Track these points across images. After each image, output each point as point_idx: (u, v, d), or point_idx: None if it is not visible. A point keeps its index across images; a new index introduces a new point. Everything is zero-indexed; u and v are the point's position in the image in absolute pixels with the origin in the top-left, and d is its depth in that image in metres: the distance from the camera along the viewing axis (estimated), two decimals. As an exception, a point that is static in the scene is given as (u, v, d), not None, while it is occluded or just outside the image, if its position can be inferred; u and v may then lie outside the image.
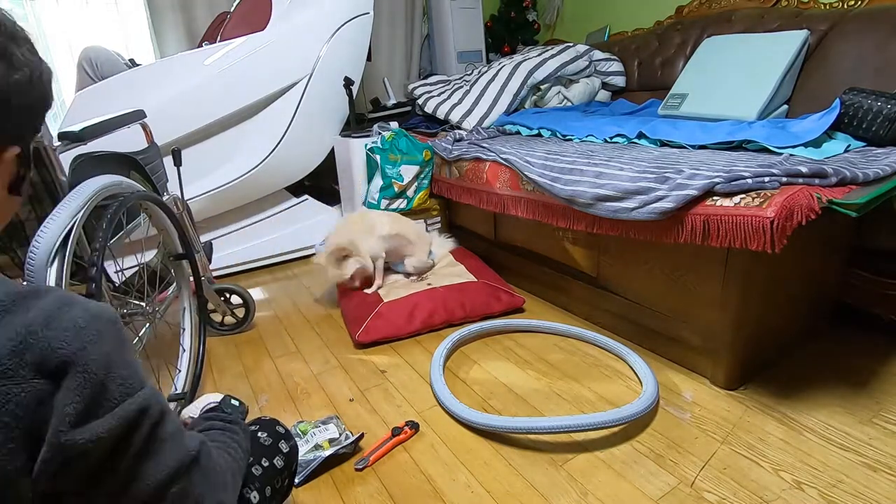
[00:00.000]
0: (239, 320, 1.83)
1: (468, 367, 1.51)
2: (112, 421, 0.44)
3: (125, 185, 1.18)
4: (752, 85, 1.85)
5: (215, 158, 2.17)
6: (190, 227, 1.59)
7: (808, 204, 1.08)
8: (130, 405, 0.46)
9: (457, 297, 1.75)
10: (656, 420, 1.24)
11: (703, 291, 1.33)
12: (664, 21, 2.63)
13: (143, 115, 1.49)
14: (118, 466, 0.46)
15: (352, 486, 1.10)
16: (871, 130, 1.48)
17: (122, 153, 1.37)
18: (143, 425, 0.47)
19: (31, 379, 0.40)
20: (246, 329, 1.83)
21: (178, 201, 1.56)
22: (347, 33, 2.28)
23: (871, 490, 1.01)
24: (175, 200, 1.54)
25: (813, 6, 2.04)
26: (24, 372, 0.40)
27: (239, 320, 1.83)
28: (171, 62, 2.15)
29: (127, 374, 0.47)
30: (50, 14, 2.53)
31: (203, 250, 1.68)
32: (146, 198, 1.24)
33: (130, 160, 1.39)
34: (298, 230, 2.49)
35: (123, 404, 0.45)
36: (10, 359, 0.40)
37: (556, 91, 2.56)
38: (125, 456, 0.46)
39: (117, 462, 0.46)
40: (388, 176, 2.15)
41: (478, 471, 1.12)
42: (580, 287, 1.73)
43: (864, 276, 1.51)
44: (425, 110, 2.56)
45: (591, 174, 1.45)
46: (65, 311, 0.44)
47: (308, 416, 1.32)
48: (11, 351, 0.40)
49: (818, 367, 1.41)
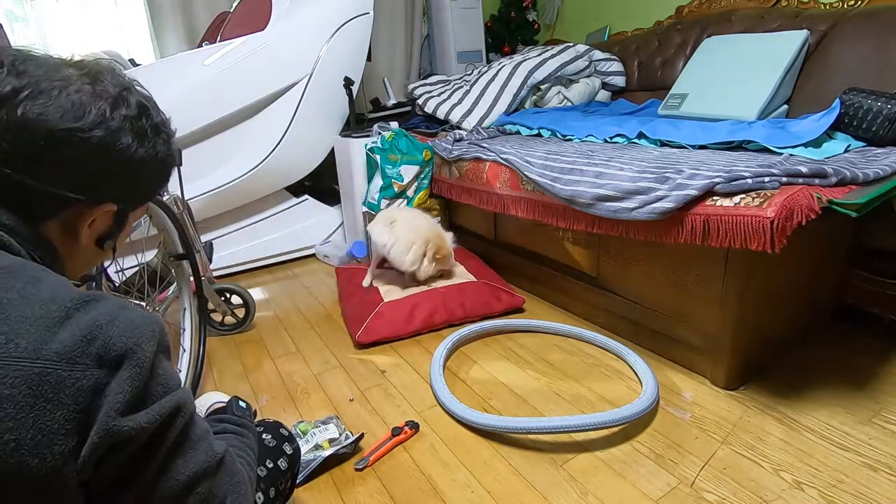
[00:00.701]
0: (239, 320, 1.83)
1: (468, 367, 1.51)
2: (152, 414, 0.48)
3: None
4: (752, 85, 1.85)
5: (215, 158, 2.17)
6: (191, 226, 1.60)
7: (808, 204, 1.08)
8: (168, 402, 0.50)
9: (457, 297, 1.76)
10: (656, 420, 1.24)
11: (703, 291, 1.33)
12: (664, 21, 2.63)
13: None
14: (152, 459, 0.49)
15: (352, 486, 1.10)
16: (871, 130, 1.48)
17: None
18: (177, 422, 0.51)
19: (92, 367, 0.45)
20: (246, 329, 1.83)
21: (178, 201, 1.56)
22: (347, 33, 2.28)
23: (871, 490, 1.01)
24: (175, 200, 1.54)
25: (813, 6, 2.04)
26: (88, 361, 0.45)
27: (239, 320, 1.83)
28: (170, 62, 2.15)
29: (167, 374, 0.52)
30: (50, 14, 2.53)
31: (203, 250, 1.68)
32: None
33: None
34: (298, 230, 2.49)
35: (162, 400, 0.50)
36: (78, 348, 0.45)
37: (556, 91, 2.56)
38: (160, 450, 0.50)
39: (152, 454, 0.49)
40: (388, 176, 2.15)
41: (478, 471, 1.12)
42: (580, 287, 1.73)
43: (864, 276, 1.52)
44: (425, 110, 2.56)
45: (591, 174, 1.45)
46: (124, 313, 0.49)
47: (308, 416, 1.32)
48: (80, 341, 0.45)
49: (818, 367, 1.41)
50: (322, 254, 2.50)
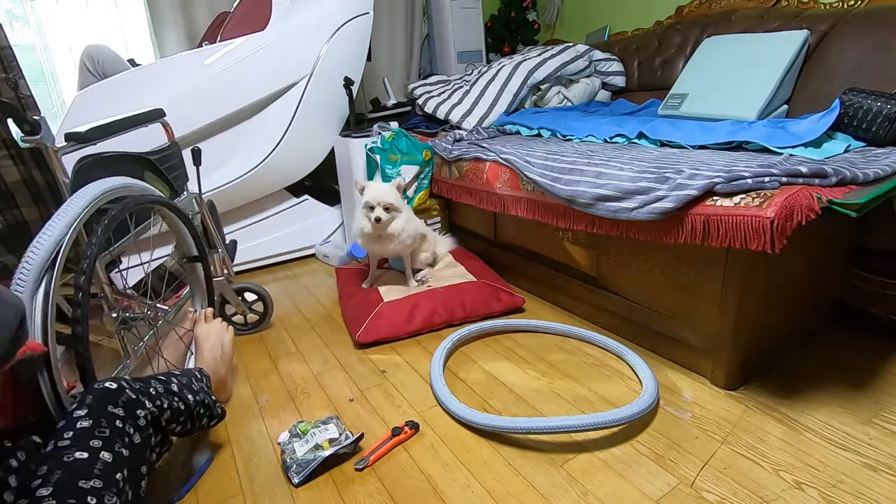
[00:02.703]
0: (260, 315, 1.82)
1: (468, 367, 1.51)
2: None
3: (131, 187, 1.15)
4: (752, 85, 1.85)
5: (215, 159, 2.17)
6: (212, 224, 1.58)
7: (808, 204, 1.08)
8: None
9: (457, 297, 1.76)
10: (656, 420, 1.24)
11: (703, 291, 1.33)
12: (664, 21, 2.63)
13: (162, 114, 1.47)
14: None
15: (352, 486, 1.10)
16: (871, 130, 1.48)
17: (134, 153, 1.34)
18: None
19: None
20: (265, 327, 1.83)
21: (197, 200, 1.55)
22: (347, 33, 2.28)
23: (871, 490, 1.01)
24: (195, 199, 1.53)
25: (813, 6, 2.04)
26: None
27: (260, 315, 1.82)
28: (170, 62, 2.15)
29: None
30: (50, 14, 2.53)
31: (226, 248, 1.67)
32: (148, 202, 1.20)
33: (143, 160, 1.37)
34: (298, 230, 2.49)
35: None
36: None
37: (556, 91, 2.56)
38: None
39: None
40: (388, 176, 2.15)
41: (478, 471, 1.12)
42: (580, 287, 1.73)
43: (864, 276, 1.52)
44: (425, 110, 2.56)
45: (591, 174, 1.45)
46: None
47: (308, 416, 1.32)
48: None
49: (818, 367, 1.41)
50: (322, 254, 2.50)
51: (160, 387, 1.01)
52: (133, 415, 0.90)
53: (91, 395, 0.88)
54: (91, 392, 0.89)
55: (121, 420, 0.88)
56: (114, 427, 0.85)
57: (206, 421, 1.13)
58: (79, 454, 0.78)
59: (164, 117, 1.49)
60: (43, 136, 1.06)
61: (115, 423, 0.86)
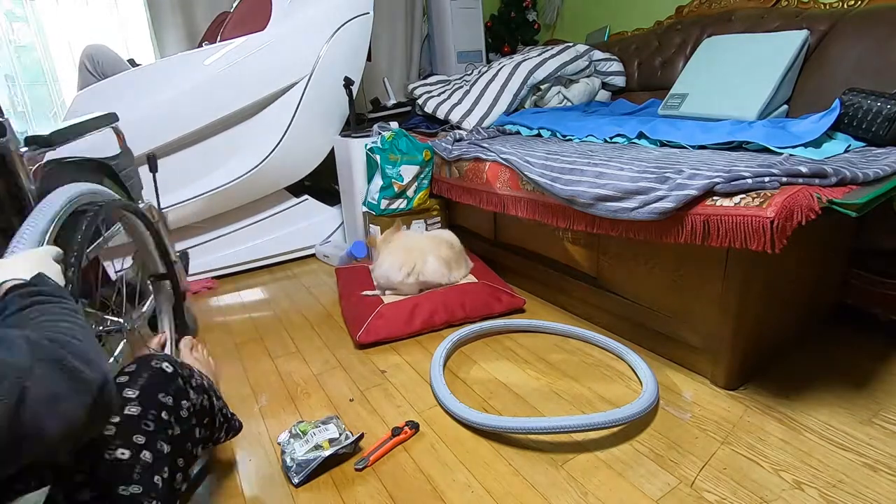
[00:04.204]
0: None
1: (468, 367, 1.51)
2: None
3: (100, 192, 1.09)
4: (752, 85, 1.85)
5: (215, 159, 2.17)
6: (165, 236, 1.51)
7: (808, 204, 1.08)
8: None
9: (457, 298, 1.75)
10: (656, 420, 1.24)
11: (703, 291, 1.33)
12: (664, 21, 2.63)
13: (115, 119, 1.41)
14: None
15: (352, 486, 1.10)
16: (871, 130, 1.48)
17: (96, 159, 1.30)
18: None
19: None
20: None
21: (153, 210, 1.47)
22: (347, 33, 2.28)
23: (872, 490, 1.01)
24: (150, 209, 1.45)
25: (813, 6, 2.04)
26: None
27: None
28: (170, 62, 2.15)
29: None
30: (50, 14, 2.53)
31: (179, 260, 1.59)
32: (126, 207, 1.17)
33: (104, 166, 1.32)
34: (298, 230, 2.49)
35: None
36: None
37: (556, 91, 2.56)
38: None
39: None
40: (388, 176, 2.15)
41: (478, 471, 1.12)
42: (580, 287, 1.73)
43: (864, 276, 1.52)
44: (425, 110, 2.56)
45: (591, 174, 1.45)
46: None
47: (308, 416, 1.32)
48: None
49: (818, 367, 1.41)
50: (322, 254, 2.50)
51: (204, 381, 0.95)
52: (178, 405, 0.85)
53: (146, 376, 0.81)
54: (146, 370, 0.82)
55: (167, 411, 0.82)
56: (159, 419, 0.80)
57: (222, 434, 1.07)
58: (120, 453, 0.74)
59: (116, 122, 1.42)
60: (9, 140, 0.98)
61: (161, 413, 0.80)
